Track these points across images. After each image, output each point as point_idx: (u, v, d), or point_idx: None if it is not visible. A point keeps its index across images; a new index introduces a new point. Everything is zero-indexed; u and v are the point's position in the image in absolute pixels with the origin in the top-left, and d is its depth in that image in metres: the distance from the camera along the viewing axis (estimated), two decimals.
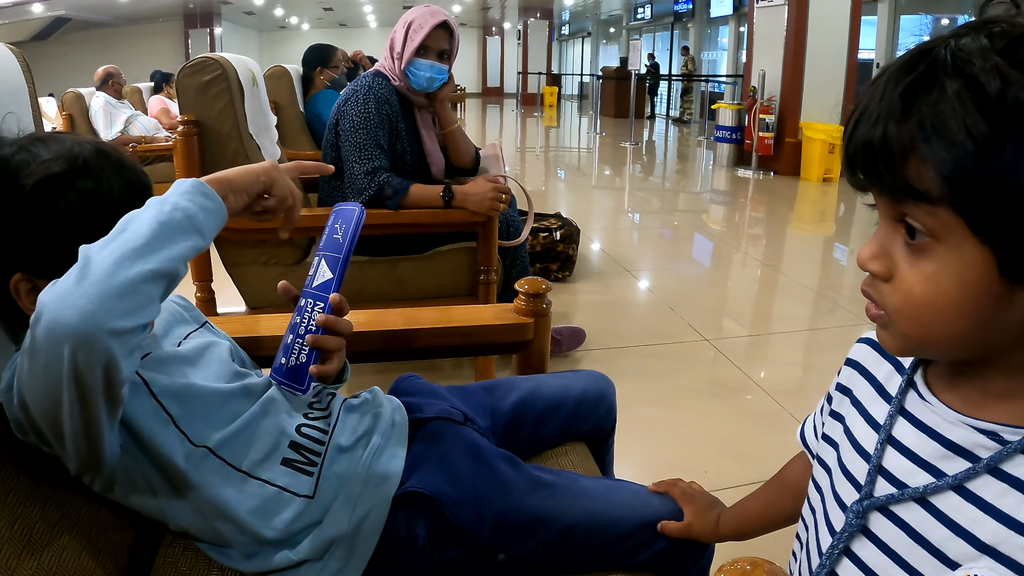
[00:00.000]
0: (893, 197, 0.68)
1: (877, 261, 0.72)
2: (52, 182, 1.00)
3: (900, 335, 0.73)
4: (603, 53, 33.08)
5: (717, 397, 3.18)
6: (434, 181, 2.98)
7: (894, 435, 0.80)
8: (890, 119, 0.65)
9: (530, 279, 1.61)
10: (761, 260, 5.65)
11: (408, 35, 2.81)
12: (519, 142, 15.34)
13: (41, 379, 0.88)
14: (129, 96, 8.21)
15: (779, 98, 9.74)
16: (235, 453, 1.12)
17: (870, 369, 0.90)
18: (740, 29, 19.31)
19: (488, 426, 1.44)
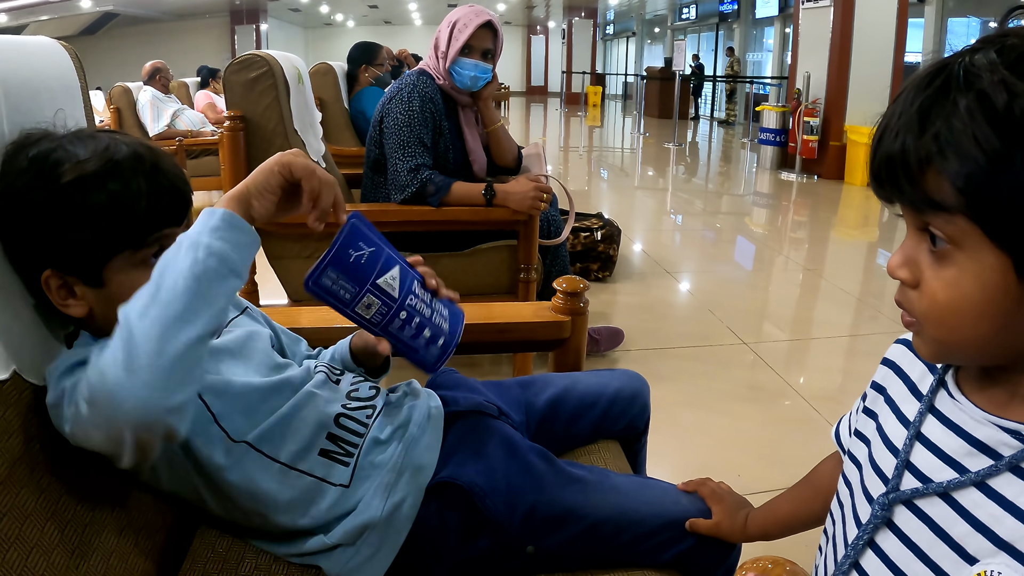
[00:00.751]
0: (914, 208, 0.71)
1: (904, 269, 0.75)
2: (83, 182, 1.00)
3: (930, 340, 0.76)
4: (648, 53, 32.91)
5: (754, 401, 3.18)
6: (476, 179, 3.01)
7: (923, 432, 0.83)
8: (908, 133, 0.69)
9: (568, 278, 1.63)
10: (803, 264, 5.62)
11: (453, 34, 2.84)
12: (562, 141, 15.33)
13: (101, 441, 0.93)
14: (176, 91, 8.30)
15: (824, 101, 9.65)
16: (274, 446, 1.15)
17: (904, 369, 0.92)
18: (785, 30, 19.15)
19: (522, 421, 1.46)
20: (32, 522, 0.95)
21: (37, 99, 1.17)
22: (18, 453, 0.97)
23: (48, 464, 1.02)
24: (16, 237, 1.02)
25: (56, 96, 1.23)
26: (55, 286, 1.03)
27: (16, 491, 0.94)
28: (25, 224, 1.00)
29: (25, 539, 0.92)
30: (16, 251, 1.02)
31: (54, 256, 1.01)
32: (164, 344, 0.87)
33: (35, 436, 1.01)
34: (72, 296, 1.04)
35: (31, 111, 1.14)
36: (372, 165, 2.91)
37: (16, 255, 1.03)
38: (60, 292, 1.04)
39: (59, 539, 0.98)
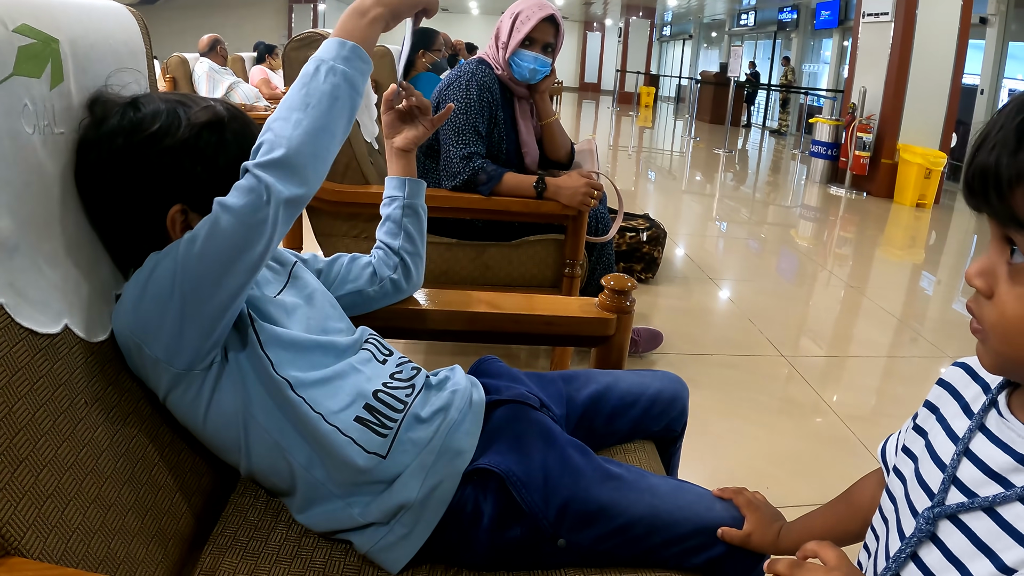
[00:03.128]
0: (999, 221, 0.72)
1: (981, 278, 0.75)
2: (215, 125, 1.16)
3: (992, 352, 0.77)
4: (703, 57, 32.71)
5: (788, 414, 3.16)
6: (527, 171, 3.02)
7: (971, 448, 0.83)
8: (1004, 149, 0.69)
9: (617, 276, 1.62)
10: (846, 281, 5.58)
11: (515, 26, 2.84)
12: (612, 140, 15.31)
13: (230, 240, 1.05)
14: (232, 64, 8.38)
15: (878, 117, 9.55)
16: (313, 396, 1.17)
17: (959, 389, 0.92)
18: (843, 43, 18.96)
19: (562, 415, 1.46)
20: (71, 476, 0.96)
21: (103, 61, 1.20)
22: (63, 407, 0.98)
23: (90, 419, 1.03)
24: (151, 176, 1.12)
25: (122, 59, 1.26)
26: (179, 221, 1.14)
27: (57, 444, 0.95)
28: (161, 163, 1.12)
29: (62, 492, 0.94)
30: (147, 190, 1.13)
31: (186, 191, 1.13)
32: (317, 146, 1.12)
33: (81, 391, 1.03)
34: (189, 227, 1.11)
35: (98, 73, 1.17)
36: (425, 151, 2.92)
37: (146, 195, 1.13)
38: (181, 226, 1.14)
39: (96, 495, 0.99)
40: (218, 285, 1.06)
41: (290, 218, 1.10)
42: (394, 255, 1.60)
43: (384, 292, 1.59)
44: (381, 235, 1.64)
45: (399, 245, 1.61)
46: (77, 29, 1.12)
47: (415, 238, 1.64)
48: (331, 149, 1.15)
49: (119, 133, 1.11)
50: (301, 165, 1.08)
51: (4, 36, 0.96)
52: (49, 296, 1.01)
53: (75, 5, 1.16)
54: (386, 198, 1.66)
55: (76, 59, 1.11)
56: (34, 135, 1.01)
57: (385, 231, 1.63)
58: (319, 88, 1.14)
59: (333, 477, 1.17)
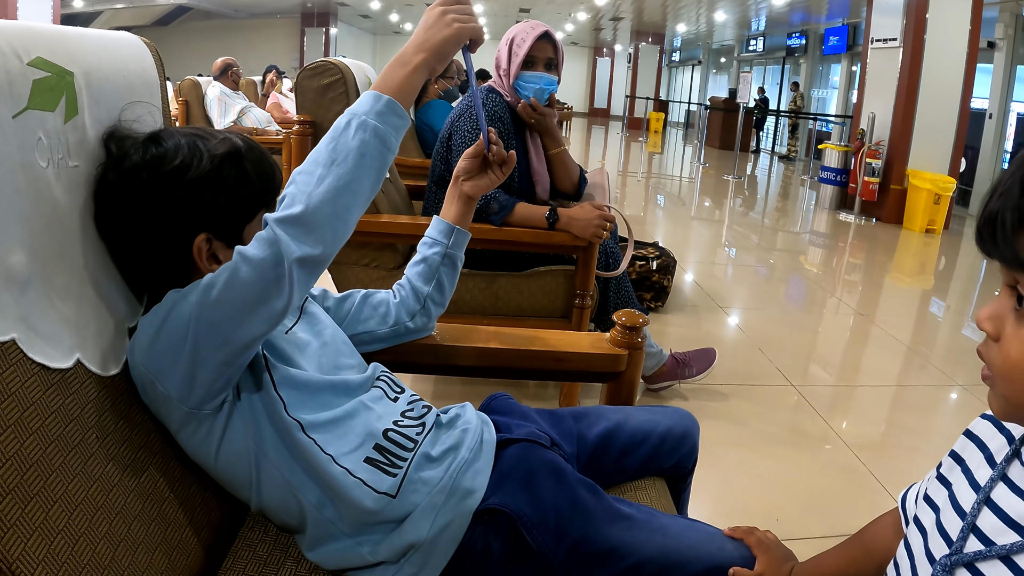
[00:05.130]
0: (1006, 264, 0.73)
1: (990, 321, 0.76)
2: (234, 157, 1.17)
3: (999, 396, 0.77)
4: (712, 83, 32.79)
5: (797, 445, 3.15)
6: (539, 201, 3.02)
7: (992, 497, 0.83)
8: (1010, 194, 0.70)
9: (628, 312, 1.62)
10: (855, 308, 5.56)
11: (512, 50, 2.86)
12: (622, 166, 15.32)
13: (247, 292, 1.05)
14: (244, 88, 8.41)
15: (887, 143, 9.56)
16: (323, 437, 1.17)
17: (985, 441, 0.92)
18: (852, 68, 18.99)
19: (573, 452, 1.46)
20: (81, 512, 0.96)
21: (118, 93, 1.21)
22: (74, 442, 0.99)
23: (101, 455, 1.03)
24: (177, 209, 1.13)
25: (136, 91, 1.26)
26: (205, 250, 1.16)
27: (68, 480, 0.95)
28: (186, 195, 1.13)
29: (72, 529, 0.94)
30: (172, 222, 1.14)
31: (210, 221, 1.15)
32: (337, 206, 1.09)
33: (92, 426, 1.03)
34: (215, 261, 1.16)
35: (112, 105, 1.18)
36: (437, 180, 2.92)
37: (171, 227, 1.14)
38: (208, 256, 1.16)
39: (106, 531, 0.99)
40: (233, 334, 1.06)
41: (308, 277, 1.09)
42: (419, 301, 1.58)
43: (396, 335, 1.58)
44: (412, 275, 1.61)
45: (427, 292, 1.59)
46: (92, 61, 1.13)
47: (445, 289, 1.62)
48: (353, 208, 1.12)
49: (143, 168, 1.12)
50: (318, 224, 1.06)
51: (19, 69, 0.97)
52: (62, 330, 1.01)
53: (90, 37, 1.17)
54: (428, 238, 1.63)
55: (90, 91, 1.12)
56: (48, 169, 1.02)
57: (418, 273, 1.60)
58: (347, 144, 1.12)
59: (343, 516, 1.17)
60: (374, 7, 26.62)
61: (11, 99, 0.95)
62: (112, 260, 1.15)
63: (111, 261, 1.15)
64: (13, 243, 0.94)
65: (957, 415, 3.77)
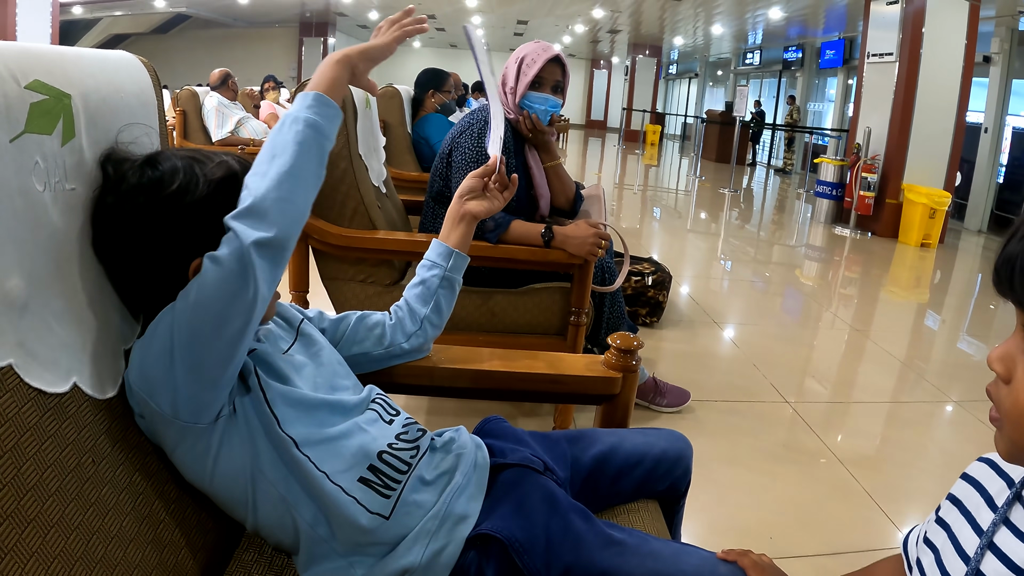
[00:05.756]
0: (1021, 308, 0.73)
1: (1001, 363, 0.75)
2: (230, 181, 1.17)
3: (1007, 439, 0.76)
4: (709, 95, 32.86)
5: (791, 462, 3.15)
6: (541, 216, 3.04)
7: (995, 542, 0.83)
8: None
9: (623, 335, 1.63)
10: (850, 323, 5.57)
11: (522, 69, 2.87)
12: (618, 178, 15.33)
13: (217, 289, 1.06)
14: (241, 98, 8.40)
15: (883, 157, 9.59)
16: (317, 454, 1.18)
17: (984, 483, 0.92)
18: (848, 82, 19.05)
19: (567, 476, 1.46)
20: (77, 536, 0.96)
21: (115, 115, 1.21)
22: (71, 467, 0.99)
23: (97, 478, 1.03)
24: (175, 232, 1.14)
25: (134, 111, 1.27)
26: None
27: (64, 505, 0.95)
28: (183, 219, 1.14)
29: (69, 553, 0.94)
30: (169, 246, 1.14)
31: (207, 245, 1.10)
32: (282, 191, 1.11)
33: (88, 450, 1.03)
34: None
35: (109, 127, 1.18)
36: (435, 196, 2.93)
37: (168, 250, 1.14)
38: None
39: (102, 555, 0.99)
40: (215, 335, 1.07)
41: (271, 264, 1.10)
42: (416, 322, 1.60)
43: (391, 356, 1.59)
44: (411, 297, 1.63)
45: (425, 314, 1.60)
46: (89, 83, 1.13)
47: (443, 312, 1.63)
48: (299, 191, 1.15)
49: (140, 192, 1.13)
50: (266, 209, 1.09)
51: (16, 93, 0.97)
52: (59, 354, 1.01)
53: (88, 57, 1.17)
54: (428, 260, 1.65)
55: (88, 113, 1.12)
56: (45, 192, 1.02)
57: (416, 295, 1.62)
58: (283, 139, 1.17)
59: (337, 535, 1.17)
60: (372, 17, 26.65)
61: (8, 123, 0.95)
62: (109, 282, 1.16)
63: (108, 283, 1.16)
64: (10, 267, 0.94)
65: (951, 431, 3.77)
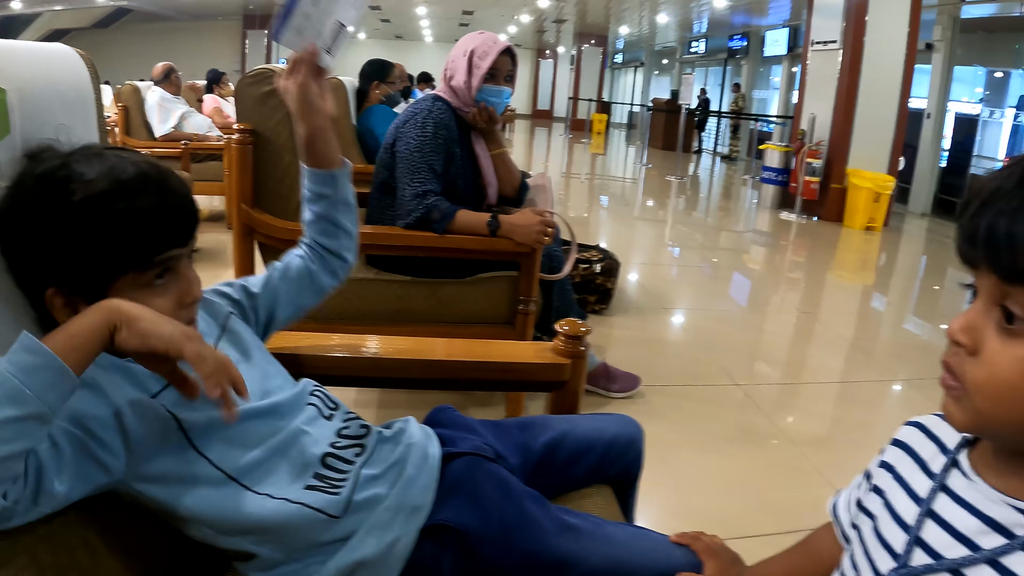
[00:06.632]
0: (1004, 278, 0.70)
1: (966, 334, 0.74)
2: (90, 202, 1.00)
3: (973, 410, 0.75)
4: (655, 84, 32.95)
5: (744, 444, 3.18)
6: (490, 205, 3.06)
7: (934, 509, 0.83)
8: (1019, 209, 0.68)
9: (570, 321, 1.62)
10: (798, 306, 5.63)
11: (473, 62, 2.88)
12: (565, 167, 15.35)
13: None
14: (185, 93, 8.28)
15: (827, 143, 9.69)
16: (254, 478, 1.14)
17: (915, 448, 0.92)
18: (793, 70, 19.22)
19: (519, 464, 1.45)
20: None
21: (51, 109, 1.16)
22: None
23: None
24: (22, 255, 1.02)
25: (71, 107, 1.21)
26: (59, 304, 1.03)
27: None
28: (32, 242, 1.01)
29: None
30: (21, 269, 1.03)
31: (59, 275, 1.01)
32: None
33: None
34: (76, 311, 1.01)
35: (44, 120, 1.13)
36: (380, 187, 2.92)
37: (21, 272, 1.03)
38: (64, 311, 1.03)
39: None
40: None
41: None
42: (335, 254, 1.50)
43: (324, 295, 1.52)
44: (316, 235, 1.50)
45: (338, 245, 1.50)
46: (24, 76, 1.09)
47: (351, 230, 1.53)
48: None
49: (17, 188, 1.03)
50: None
51: None
52: None
53: (23, 50, 1.14)
54: (311, 192, 1.49)
55: (23, 108, 1.08)
56: None
57: (320, 231, 1.50)
58: None
59: (288, 546, 1.15)
60: None
61: None
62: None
63: None
64: None
65: (900, 409, 3.82)
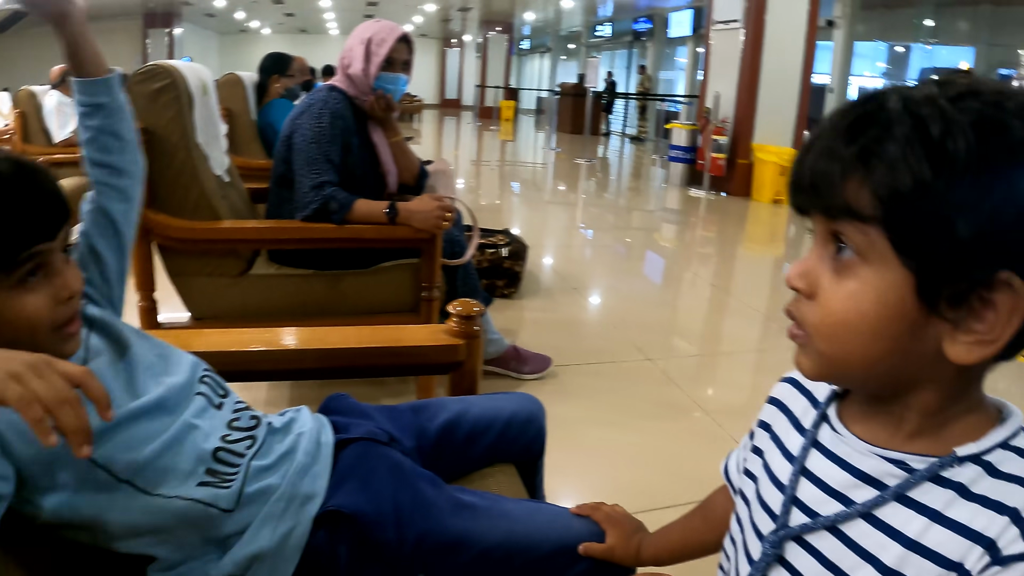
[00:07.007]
0: (828, 214, 0.71)
1: (802, 279, 0.74)
2: None
3: (816, 354, 0.75)
4: (562, 69, 33.20)
5: (659, 417, 3.19)
6: (390, 194, 3.03)
7: (807, 466, 0.82)
8: (836, 144, 0.68)
9: (463, 301, 1.61)
10: (711, 281, 5.69)
11: (371, 50, 2.86)
12: (475, 155, 15.34)
13: None
14: None
15: (733, 120, 9.84)
16: (149, 479, 1.09)
17: (788, 405, 0.92)
18: (698, 50, 19.49)
19: (414, 447, 1.44)
20: None
21: None
22: None
23: None
24: None
25: None
26: None
27: None
28: None
29: None
30: None
31: None
32: None
33: None
34: None
35: None
36: (278, 180, 2.87)
37: None
38: None
39: None
40: None
41: None
42: (122, 176, 1.36)
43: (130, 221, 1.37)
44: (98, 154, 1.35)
45: (123, 160, 1.37)
46: None
47: (134, 140, 1.40)
48: None
49: None
50: None
51: None
52: None
53: None
54: (87, 105, 1.36)
55: None
56: None
57: (102, 147, 1.35)
58: None
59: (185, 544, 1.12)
60: (219, 5, 26.04)
61: None
62: None
63: None
64: None
65: None
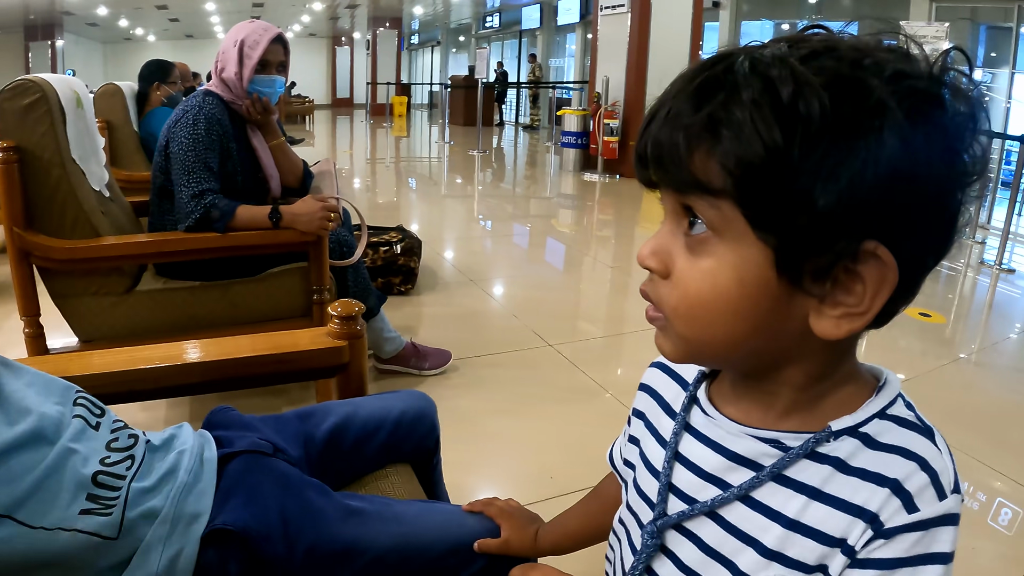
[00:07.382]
0: (677, 189, 0.67)
1: (655, 258, 0.70)
2: None
3: (676, 337, 0.71)
4: (453, 62, 33.11)
5: (564, 402, 3.21)
6: (272, 199, 2.96)
7: (681, 451, 0.80)
8: (682, 112, 0.64)
9: (344, 302, 1.59)
10: (611, 264, 5.74)
11: (244, 52, 2.79)
12: (369, 153, 15.20)
13: None
14: None
15: (623, 103, 9.93)
16: (31, 511, 1.04)
17: (659, 391, 0.90)
18: (587, 36, 19.62)
19: (301, 455, 1.41)
20: None
21: None
22: None
23: None
24: None
25: None
26: None
27: None
28: None
29: None
30: None
31: None
32: None
33: None
34: None
35: None
36: (158, 191, 2.79)
37: None
38: None
39: None
40: None
41: None
42: None
43: None
44: None
45: None
46: None
47: None
48: None
49: None
50: None
51: None
52: None
53: None
54: None
55: None
56: None
57: None
58: None
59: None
60: (101, 13, 25.32)
61: None
62: None
63: None
64: None
65: None
